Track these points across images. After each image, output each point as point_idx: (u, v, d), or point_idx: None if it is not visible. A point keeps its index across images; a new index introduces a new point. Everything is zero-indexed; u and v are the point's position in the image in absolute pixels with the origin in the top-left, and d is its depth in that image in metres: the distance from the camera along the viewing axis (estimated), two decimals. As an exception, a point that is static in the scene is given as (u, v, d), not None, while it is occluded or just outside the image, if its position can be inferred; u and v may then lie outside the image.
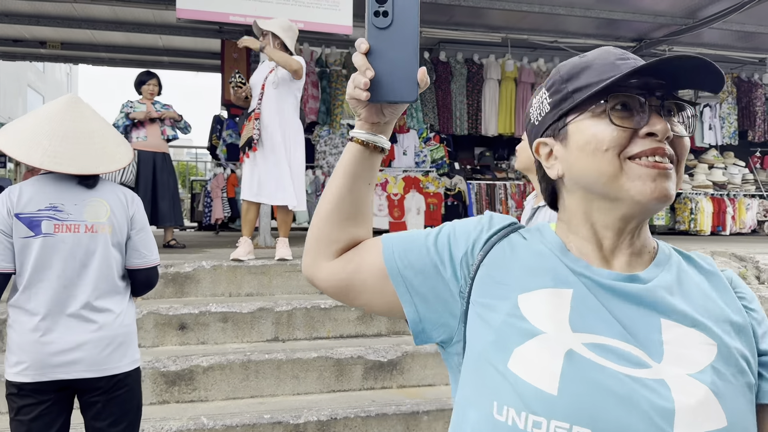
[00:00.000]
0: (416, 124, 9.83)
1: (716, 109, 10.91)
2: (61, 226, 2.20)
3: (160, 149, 6.15)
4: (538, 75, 10.24)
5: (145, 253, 2.37)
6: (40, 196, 2.20)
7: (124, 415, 2.31)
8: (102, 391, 2.26)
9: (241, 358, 3.81)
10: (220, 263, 4.63)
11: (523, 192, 10.16)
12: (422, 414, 3.67)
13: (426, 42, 10.34)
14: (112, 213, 2.28)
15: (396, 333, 4.43)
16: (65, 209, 2.21)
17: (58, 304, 2.19)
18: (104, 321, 2.25)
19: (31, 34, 10.47)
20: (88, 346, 2.20)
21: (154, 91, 6.26)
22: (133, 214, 2.35)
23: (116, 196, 2.32)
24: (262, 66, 5.12)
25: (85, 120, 2.29)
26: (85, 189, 2.26)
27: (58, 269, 2.19)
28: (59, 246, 2.19)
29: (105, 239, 2.25)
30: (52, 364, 2.17)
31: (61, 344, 2.18)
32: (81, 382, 2.22)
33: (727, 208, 10.95)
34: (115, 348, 2.26)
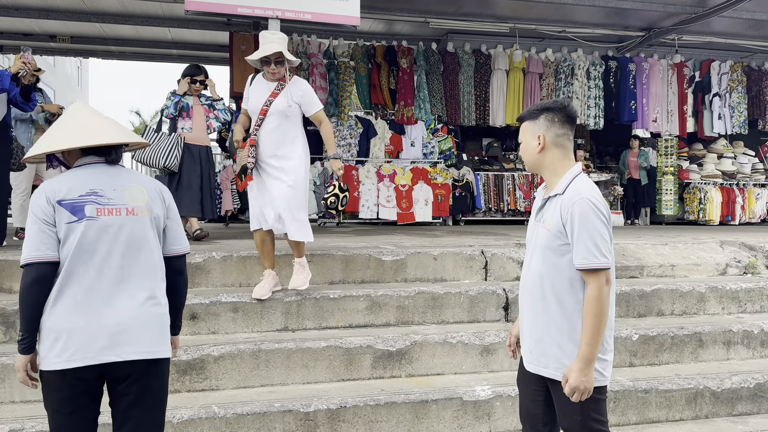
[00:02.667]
0: (424, 115, 9.84)
1: (726, 98, 10.84)
2: (103, 209, 2.26)
3: (204, 142, 6.06)
4: (546, 65, 10.21)
5: (180, 239, 2.45)
6: (79, 184, 2.27)
7: (157, 402, 2.34)
8: (139, 377, 2.26)
9: (252, 348, 3.86)
10: (230, 254, 4.68)
11: (531, 182, 10.15)
12: (431, 403, 3.71)
13: (434, 33, 10.32)
14: (150, 198, 2.36)
15: (404, 323, 4.47)
16: (105, 194, 2.28)
17: (102, 286, 2.22)
18: (151, 302, 2.29)
19: (41, 27, 10.54)
20: (134, 329, 2.23)
21: (200, 89, 6.12)
22: (169, 203, 2.44)
23: (150, 184, 2.41)
24: (261, 85, 4.39)
25: (96, 113, 2.43)
26: (119, 176, 2.34)
27: (102, 251, 2.23)
28: (104, 228, 2.24)
29: (145, 222, 2.32)
30: (97, 348, 2.17)
31: (108, 327, 2.19)
32: (124, 367, 2.22)
33: (736, 197, 10.90)
34: (159, 331, 2.30)
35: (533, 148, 2.46)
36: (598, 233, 2.27)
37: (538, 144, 2.44)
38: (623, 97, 10.41)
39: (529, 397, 2.56)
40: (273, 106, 4.27)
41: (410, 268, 4.97)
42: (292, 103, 4.29)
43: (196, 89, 6.11)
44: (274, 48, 4.20)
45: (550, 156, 2.44)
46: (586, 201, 2.29)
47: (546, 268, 2.39)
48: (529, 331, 2.49)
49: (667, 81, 10.67)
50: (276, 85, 4.32)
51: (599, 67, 10.31)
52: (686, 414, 4.04)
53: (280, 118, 4.28)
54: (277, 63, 4.25)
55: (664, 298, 4.97)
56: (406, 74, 9.77)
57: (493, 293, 4.67)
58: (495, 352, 4.22)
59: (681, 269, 5.60)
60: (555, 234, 2.36)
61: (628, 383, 3.99)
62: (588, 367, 2.26)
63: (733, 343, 4.63)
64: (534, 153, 2.47)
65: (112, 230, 2.25)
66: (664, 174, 10.75)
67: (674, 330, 4.52)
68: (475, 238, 6.51)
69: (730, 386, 4.12)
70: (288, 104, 4.28)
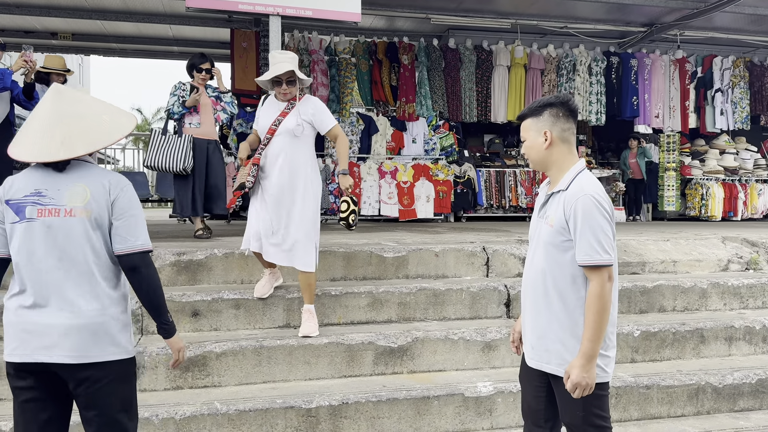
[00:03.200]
0: (425, 111, 9.83)
1: (728, 93, 10.81)
2: (44, 210, 2.24)
3: (212, 136, 5.90)
4: (547, 61, 10.19)
5: (127, 238, 2.31)
6: (26, 183, 2.28)
7: (109, 406, 2.30)
8: (82, 380, 2.26)
9: (254, 344, 3.87)
10: (232, 251, 4.68)
11: (533, 179, 10.14)
12: (432, 399, 3.72)
13: (435, 29, 10.31)
14: (92, 198, 2.26)
15: (406, 319, 4.48)
16: (48, 194, 2.26)
17: (39, 286, 2.24)
18: (82, 307, 2.24)
19: (42, 25, 10.54)
20: (63, 331, 2.22)
21: (207, 78, 5.93)
22: (114, 200, 2.30)
23: (100, 181, 2.31)
24: (271, 106, 4.24)
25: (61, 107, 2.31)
26: (67, 174, 2.29)
27: (39, 253, 2.24)
28: (41, 230, 2.24)
29: (83, 224, 2.26)
30: (33, 346, 2.22)
31: (39, 327, 2.22)
32: (63, 369, 2.24)
33: (738, 193, 10.89)
34: (92, 336, 2.24)
35: (540, 144, 2.44)
36: (601, 230, 2.27)
37: (545, 140, 2.43)
38: (625, 92, 10.39)
39: (531, 393, 2.56)
40: (282, 125, 4.11)
41: (412, 265, 4.98)
42: (301, 122, 4.10)
43: (202, 78, 5.92)
44: (286, 67, 4.03)
45: (557, 151, 2.43)
46: (589, 197, 2.29)
47: (549, 264, 2.39)
48: (531, 327, 2.49)
49: (669, 77, 10.65)
50: (286, 105, 4.16)
51: (601, 63, 10.29)
52: (688, 410, 4.04)
53: (289, 138, 4.09)
54: (288, 83, 4.10)
55: (665, 294, 4.97)
56: (408, 70, 9.76)
57: (495, 289, 4.67)
58: (496, 349, 4.22)
59: (683, 265, 5.59)
60: (558, 230, 2.35)
61: (629, 379, 4.00)
62: (590, 363, 2.26)
63: (735, 339, 4.63)
64: (541, 149, 2.45)
65: (51, 232, 2.23)
66: (666, 170, 10.73)
67: (676, 326, 4.52)
68: (477, 234, 6.51)
69: (732, 382, 4.12)
70: (297, 123, 4.09)
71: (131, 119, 2.46)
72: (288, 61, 4.08)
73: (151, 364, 3.71)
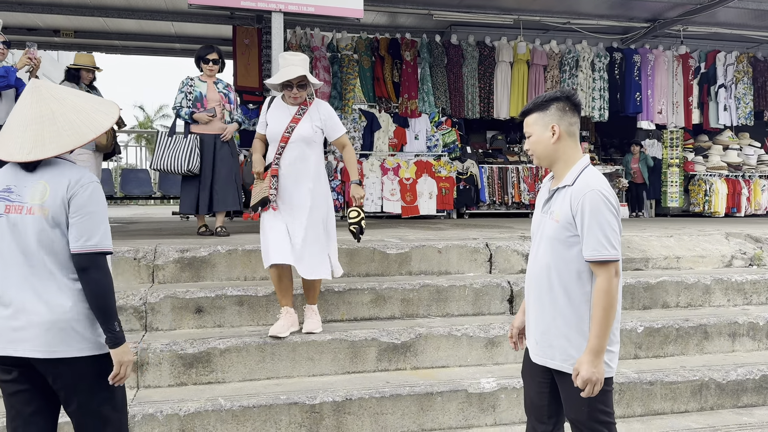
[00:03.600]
0: (428, 108, 9.82)
1: (731, 89, 10.78)
2: (11, 207, 2.27)
3: (219, 131, 5.74)
4: (550, 57, 10.17)
5: (79, 237, 2.25)
6: (1, 179, 2.32)
7: (88, 401, 2.31)
8: (56, 375, 2.26)
9: (258, 341, 3.87)
10: (235, 248, 4.69)
11: (536, 175, 10.13)
12: (436, 395, 3.72)
13: (437, 25, 10.29)
14: (50, 196, 2.25)
15: (409, 316, 4.48)
16: (15, 191, 2.28)
17: (7, 283, 2.26)
18: (44, 304, 2.24)
19: (44, 22, 10.54)
20: (30, 328, 2.23)
21: (214, 69, 5.77)
22: (71, 197, 2.26)
23: (61, 178, 2.28)
24: (280, 110, 4.07)
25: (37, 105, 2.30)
26: (35, 172, 2.29)
27: (5, 249, 2.26)
28: (7, 226, 2.26)
29: (40, 222, 2.25)
30: (5, 340, 2.24)
31: (8, 322, 2.24)
32: (38, 363, 2.26)
33: (742, 189, 10.86)
34: (58, 333, 2.24)
35: (547, 139, 2.42)
36: (609, 225, 2.27)
37: (552, 134, 2.41)
38: (628, 88, 10.36)
39: (534, 389, 2.56)
40: (295, 132, 3.95)
41: (415, 261, 4.98)
42: (315, 128, 3.99)
43: (209, 70, 5.77)
44: (297, 71, 3.87)
45: (564, 146, 2.42)
46: (597, 193, 2.28)
47: (553, 260, 2.38)
48: (535, 322, 2.49)
49: (673, 72, 10.62)
50: (297, 110, 3.99)
51: (604, 59, 10.26)
52: (691, 406, 4.04)
53: (303, 145, 3.96)
54: (299, 87, 3.94)
55: (669, 290, 4.96)
56: (410, 67, 9.75)
57: (498, 286, 4.67)
58: (500, 345, 4.22)
59: (686, 261, 5.59)
60: (564, 225, 2.35)
61: (633, 375, 4.00)
62: (598, 359, 2.26)
63: (739, 335, 4.62)
64: (549, 144, 2.42)
65: (15, 229, 2.25)
66: (669, 166, 10.71)
67: (679, 322, 4.51)
68: (480, 231, 6.51)
69: (736, 378, 4.12)
70: (312, 130, 3.97)
71: (109, 116, 2.40)
72: (299, 63, 3.93)
73: (155, 360, 3.72)
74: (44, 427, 2.36)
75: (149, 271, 4.51)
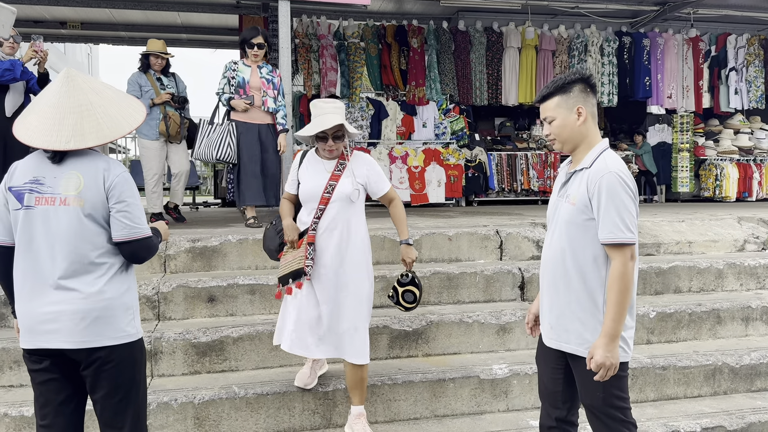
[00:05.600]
0: (435, 95, 9.77)
1: (742, 72, 10.65)
2: (41, 198, 2.26)
3: (263, 121, 5.57)
4: (559, 42, 10.08)
5: (126, 224, 2.31)
6: (26, 170, 2.30)
7: (115, 390, 2.33)
8: (87, 365, 2.29)
9: (270, 329, 3.88)
10: (246, 237, 4.70)
11: (545, 162, 10.08)
12: (448, 381, 3.73)
13: (444, 11, 10.21)
14: (85, 186, 2.26)
15: (420, 303, 4.47)
16: (45, 182, 2.27)
17: (38, 274, 2.26)
18: (80, 294, 2.25)
19: (51, 14, 10.55)
20: (64, 318, 2.24)
21: (259, 54, 5.55)
22: (110, 186, 2.29)
23: (95, 168, 2.30)
24: (315, 165, 3.46)
25: (74, 95, 2.31)
26: (65, 162, 2.29)
27: (37, 240, 2.26)
28: (38, 218, 2.26)
29: (76, 212, 2.25)
30: (36, 332, 2.27)
31: (41, 314, 2.26)
32: (68, 353, 2.28)
33: (753, 173, 10.77)
34: (92, 322, 2.26)
35: (573, 122, 2.38)
36: (625, 208, 2.25)
37: (578, 116, 2.38)
38: (637, 73, 10.26)
39: (548, 375, 2.55)
40: (336, 192, 3.34)
41: (425, 249, 4.97)
42: (358, 186, 3.40)
43: (254, 55, 5.56)
44: (333, 120, 3.29)
45: (588, 128, 2.40)
46: (614, 175, 2.26)
47: (569, 244, 2.37)
48: (549, 306, 2.48)
49: (683, 56, 10.50)
50: (335, 165, 3.40)
51: (613, 44, 10.16)
52: (705, 390, 4.03)
53: (344, 205, 3.35)
54: (335, 138, 3.34)
55: (681, 275, 4.94)
56: (417, 54, 9.69)
57: (509, 272, 4.66)
58: (511, 331, 4.22)
59: (698, 246, 5.55)
60: (580, 208, 2.33)
61: (646, 360, 3.99)
62: (613, 343, 2.25)
63: (752, 320, 4.60)
64: (575, 127, 2.39)
65: (47, 220, 2.25)
66: (680, 151, 10.62)
67: (692, 307, 4.50)
68: (490, 218, 6.49)
69: (749, 362, 4.10)
70: (354, 188, 3.37)
71: (141, 110, 2.46)
72: (335, 111, 3.36)
73: (169, 349, 3.74)
74: (73, 415, 2.40)
75: (161, 261, 4.53)
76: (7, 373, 3.58)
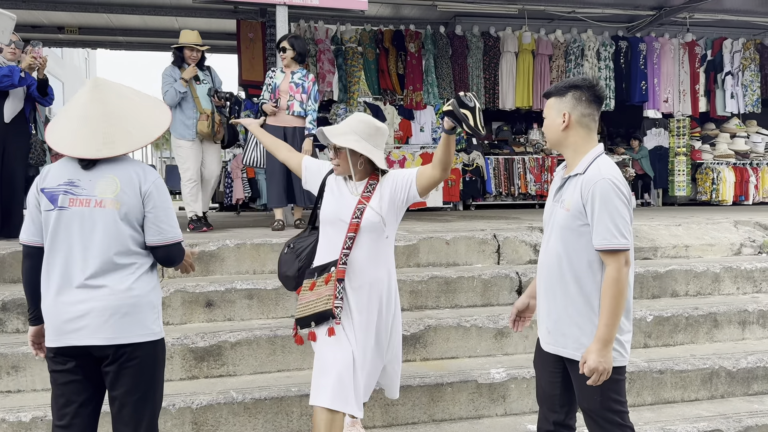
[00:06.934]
0: (433, 99, 9.80)
1: (738, 76, 10.70)
2: (75, 200, 2.31)
3: (290, 123, 5.57)
4: (555, 46, 10.12)
5: (162, 229, 2.39)
6: (61, 172, 2.34)
7: (136, 387, 2.37)
8: (112, 361, 2.32)
9: (268, 334, 3.89)
10: (244, 242, 4.70)
11: (542, 166, 10.11)
12: (446, 386, 3.73)
13: (441, 16, 10.25)
14: (122, 190, 2.31)
15: (418, 308, 4.48)
16: (81, 184, 2.32)
17: (68, 273, 2.30)
18: (109, 291, 2.29)
19: (48, 19, 10.56)
20: (93, 315, 2.27)
21: (286, 58, 5.53)
22: (147, 192, 2.36)
23: (130, 173, 2.36)
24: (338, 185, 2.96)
25: (103, 102, 2.36)
26: (100, 166, 2.33)
27: (69, 240, 2.30)
28: (72, 219, 2.30)
29: (112, 215, 2.30)
30: (65, 330, 2.29)
31: (70, 312, 2.29)
32: (94, 350, 2.31)
33: (750, 177, 10.81)
34: (120, 318, 2.30)
35: (557, 125, 2.43)
36: (619, 214, 2.26)
37: (562, 122, 2.41)
38: (634, 77, 10.31)
39: (546, 379, 2.56)
40: (366, 217, 2.80)
41: (423, 253, 4.98)
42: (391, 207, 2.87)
43: (282, 58, 5.59)
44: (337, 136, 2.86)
45: (574, 135, 2.42)
46: (607, 181, 2.28)
47: (564, 249, 2.38)
48: (547, 311, 2.49)
49: (679, 60, 10.55)
50: (364, 186, 2.87)
51: (609, 48, 10.21)
52: (702, 394, 4.04)
53: (375, 233, 2.85)
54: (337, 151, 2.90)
55: (678, 279, 4.95)
56: (415, 59, 9.72)
57: (506, 276, 4.67)
58: (509, 335, 4.22)
59: (695, 250, 5.57)
60: (574, 214, 2.34)
61: (643, 364, 4.00)
62: (606, 348, 2.26)
63: (749, 323, 4.61)
64: (557, 131, 2.44)
65: (81, 221, 2.30)
66: (677, 154, 10.66)
67: (689, 311, 4.51)
68: (487, 222, 6.51)
69: (746, 366, 4.11)
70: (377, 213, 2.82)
71: (167, 113, 2.52)
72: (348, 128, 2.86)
73: (167, 354, 3.72)
74: (90, 417, 2.42)
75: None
76: (4, 379, 3.58)
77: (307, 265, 2.99)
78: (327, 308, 2.79)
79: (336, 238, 2.84)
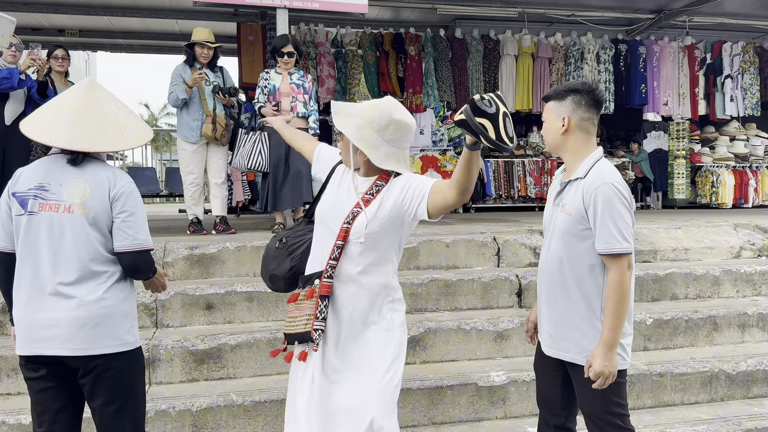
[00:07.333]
0: (433, 102, 9.81)
1: (738, 79, 10.71)
2: (45, 204, 2.27)
3: (294, 125, 5.32)
4: (555, 50, 10.13)
5: (129, 234, 2.31)
6: (31, 176, 2.31)
7: (114, 398, 2.32)
8: (85, 372, 2.29)
9: (268, 336, 3.89)
10: (244, 244, 4.70)
11: (542, 169, 10.11)
12: (446, 389, 3.73)
13: (441, 19, 10.26)
14: (90, 194, 2.27)
15: (418, 310, 4.49)
16: (51, 189, 2.28)
17: (38, 280, 2.27)
18: (79, 301, 2.25)
19: (49, 22, 10.57)
20: (63, 325, 2.24)
21: (289, 63, 5.50)
22: (115, 196, 2.31)
23: (101, 177, 2.31)
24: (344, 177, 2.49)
25: (97, 101, 2.35)
26: (71, 170, 2.30)
27: (38, 247, 2.26)
28: (41, 224, 2.26)
29: (80, 220, 2.26)
30: (34, 339, 2.26)
31: (40, 320, 2.26)
32: (65, 360, 2.28)
33: (749, 180, 10.81)
34: (91, 329, 2.26)
35: (556, 129, 2.43)
36: (621, 218, 2.27)
37: (561, 126, 2.41)
38: (633, 80, 10.32)
39: (546, 382, 2.57)
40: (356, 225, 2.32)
41: (423, 256, 4.98)
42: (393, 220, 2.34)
43: (284, 63, 5.54)
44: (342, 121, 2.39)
45: (573, 139, 2.42)
46: (609, 185, 2.28)
47: (566, 253, 2.39)
48: (548, 315, 2.49)
49: (678, 63, 10.56)
50: (369, 186, 2.38)
51: (609, 51, 10.22)
52: (701, 397, 4.04)
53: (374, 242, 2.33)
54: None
55: (677, 282, 4.96)
56: (415, 62, 9.73)
57: (506, 279, 4.68)
58: (509, 338, 4.23)
59: (695, 253, 5.57)
60: (576, 218, 2.35)
61: (642, 367, 4.00)
62: (611, 352, 2.26)
63: (748, 326, 4.61)
64: (557, 134, 2.44)
65: (51, 226, 2.26)
66: (676, 158, 10.67)
67: (688, 314, 4.51)
68: (487, 225, 6.51)
69: (746, 369, 4.12)
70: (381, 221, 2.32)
71: (149, 131, 2.51)
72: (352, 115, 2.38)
73: (167, 357, 3.74)
74: (70, 422, 2.40)
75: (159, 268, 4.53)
76: (5, 381, 3.58)
77: (300, 267, 2.53)
78: (305, 330, 2.35)
79: (326, 244, 2.37)
